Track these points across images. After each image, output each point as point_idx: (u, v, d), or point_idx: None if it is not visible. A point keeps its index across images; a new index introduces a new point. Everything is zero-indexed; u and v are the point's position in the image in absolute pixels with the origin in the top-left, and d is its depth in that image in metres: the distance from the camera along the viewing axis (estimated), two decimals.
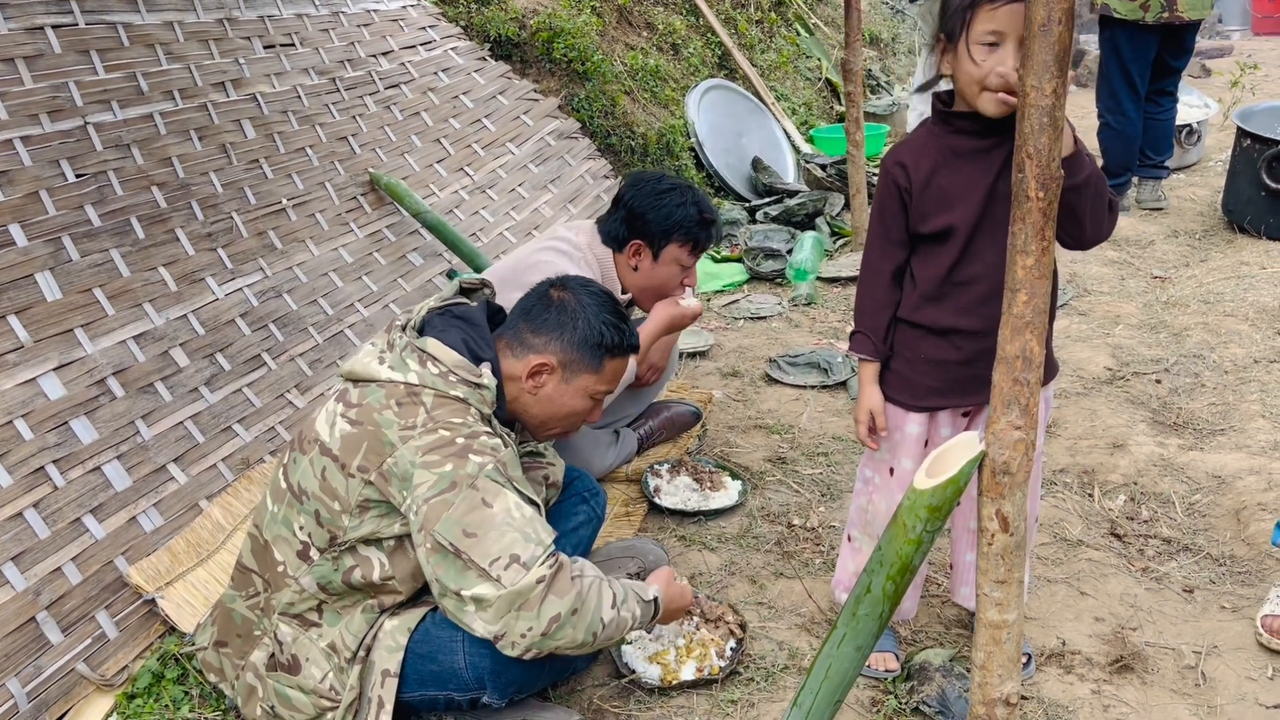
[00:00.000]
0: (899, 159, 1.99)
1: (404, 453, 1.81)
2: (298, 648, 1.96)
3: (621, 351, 2.09)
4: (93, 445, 2.53)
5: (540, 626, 1.79)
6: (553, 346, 2.03)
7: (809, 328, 4.29)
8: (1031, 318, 1.63)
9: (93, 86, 3.10)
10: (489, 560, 1.78)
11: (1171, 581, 2.54)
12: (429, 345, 1.92)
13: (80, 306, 2.71)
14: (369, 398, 1.88)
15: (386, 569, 1.92)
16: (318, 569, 1.91)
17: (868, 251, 2.08)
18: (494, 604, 1.78)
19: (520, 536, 1.80)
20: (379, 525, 1.88)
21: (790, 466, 3.16)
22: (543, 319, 2.05)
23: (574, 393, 2.07)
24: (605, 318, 2.07)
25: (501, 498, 1.82)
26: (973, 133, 1.92)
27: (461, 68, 5.08)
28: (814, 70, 7.71)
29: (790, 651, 2.36)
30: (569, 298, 2.07)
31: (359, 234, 3.86)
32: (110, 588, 2.39)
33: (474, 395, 1.91)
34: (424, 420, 1.84)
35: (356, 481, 1.84)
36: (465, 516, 1.78)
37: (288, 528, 1.93)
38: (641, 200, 2.76)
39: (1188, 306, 4.15)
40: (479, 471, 1.81)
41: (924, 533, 1.71)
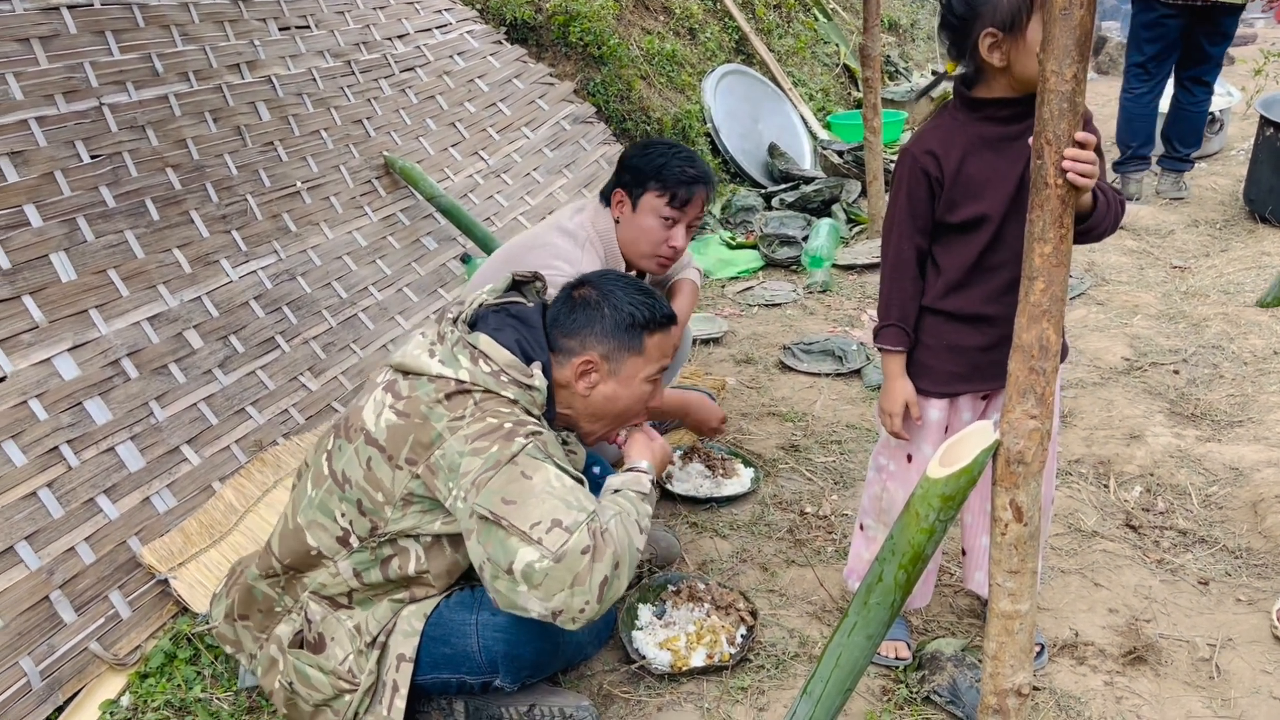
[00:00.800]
0: (927, 147, 1.96)
1: (453, 443, 1.80)
2: (325, 626, 1.96)
3: (658, 325, 2.04)
4: (107, 426, 2.54)
5: (594, 594, 1.78)
6: (590, 342, 2.00)
7: (824, 315, 4.27)
8: (1049, 306, 1.61)
9: (108, 67, 3.11)
10: (529, 524, 1.76)
11: (1187, 573, 2.51)
12: (481, 342, 1.90)
13: (95, 287, 2.72)
14: (418, 391, 1.86)
15: (422, 563, 1.92)
16: (357, 556, 1.91)
17: (896, 242, 2.03)
18: (544, 581, 1.76)
19: (561, 503, 1.79)
20: (420, 520, 1.87)
21: (803, 454, 3.15)
22: (572, 321, 2.02)
23: (626, 381, 2.03)
24: (633, 296, 2.03)
25: (541, 471, 1.81)
26: (1001, 119, 1.90)
27: (477, 51, 5.06)
28: (832, 56, 7.66)
29: (801, 639, 2.35)
30: (590, 292, 2.05)
31: (373, 217, 3.86)
32: (123, 568, 2.40)
33: (524, 396, 1.89)
34: (472, 411, 1.83)
35: (404, 474, 1.84)
36: (505, 487, 1.78)
37: (327, 514, 1.92)
38: (629, 153, 2.73)
39: (1207, 297, 4.11)
40: (519, 450, 1.81)
41: (937, 521, 1.70)
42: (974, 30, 1.82)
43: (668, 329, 2.06)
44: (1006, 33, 1.80)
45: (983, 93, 1.91)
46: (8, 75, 2.79)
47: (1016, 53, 1.81)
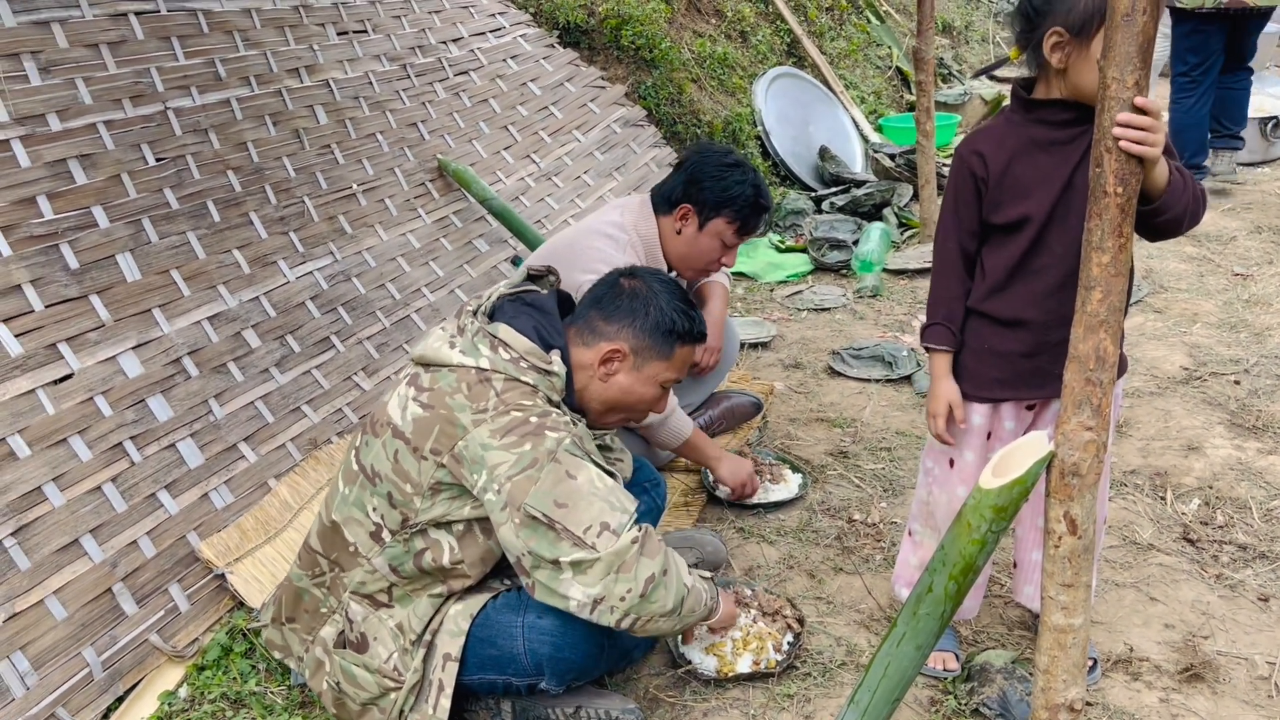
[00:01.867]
0: (976, 148, 1.96)
1: (476, 435, 1.84)
2: (367, 626, 1.99)
3: (692, 339, 2.11)
4: (168, 423, 2.61)
5: (638, 588, 1.83)
6: (625, 334, 2.05)
7: (874, 320, 4.24)
8: (1106, 316, 1.59)
9: (173, 72, 3.18)
10: (583, 528, 1.81)
11: (1246, 589, 2.46)
12: (500, 331, 1.94)
13: (158, 287, 2.78)
14: (440, 382, 1.90)
15: (456, 553, 1.94)
16: (390, 550, 1.95)
17: (942, 240, 2.05)
18: (594, 568, 1.81)
19: (607, 505, 1.84)
20: (450, 508, 1.90)
21: (852, 461, 3.13)
22: (615, 306, 2.07)
23: (645, 380, 2.08)
24: (677, 305, 2.08)
25: (584, 469, 1.86)
26: (1056, 123, 1.88)
27: (530, 55, 5.10)
28: (884, 58, 7.60)
29: (848, 647, 2.34)
30: (640, 286, 2.09)
31: (426, 220, 3.90)
32: (182, 562, 2.46)
33: (544, 381, 1.93)
34: (495, 403, 1.86)
35: (429, 464, 1.87)
36: (554, 489, 1.82)
37: (360, 509, 1.96)
38: (704, 168, 2.76)
39: (1270, 305, 4.02)
40: (557, 446, 1.84)
41: (989, 533, 1.68)
42: (1044, 25, 1.80)
43: (697, 345, 2.14)
44: (1074, 36, 1.78)
45: (1040, 94, 1.90)
46: (77, 80, 2.87)
47: (1077, 58, 1.79)
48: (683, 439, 2.79)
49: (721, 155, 2.77)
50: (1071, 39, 1.78)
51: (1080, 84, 1.80)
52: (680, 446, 2.82)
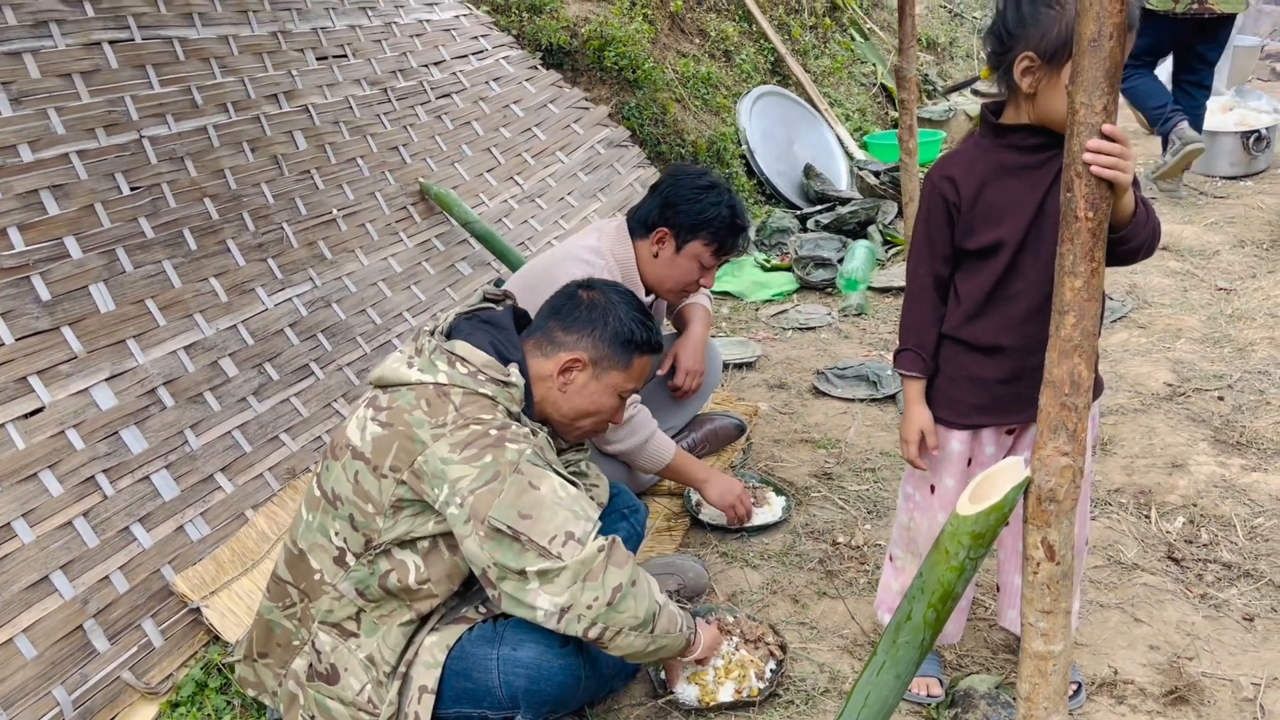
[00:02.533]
0: (947, 173, 1.95)
1: (435, 450, 1.83)
2: (336, 657, 1.97)
3: (649, 349, 2.14)
4: (142, 455, 2.58)
5: (605, 595, 1.83)
6: (584, 343, 2.07)
7: (859, 339, 4.23)
8: (1080, 340, 1.57)
9: (148, 100, 3.16)
10: (548, 538, 1.81)
11: (1231, 609, 2.45)
12: (458, 347, 1.94)
13: (132, 317, 2.76)
14: (399, 400, 1.90)
15: (422, 571, 1.93)
16: (355, 573, 1.93)
17: (914, 266, 2.04)
18: (560, 576, 1.81)
19: (571, 514, 1.84)
20: (413, 525, 1.89)
21: (836, 482, 3.12)
22: (574, 316, 2.09)
23: (603, 390, 2.10)
24: (635, 315, 2.11)
25: (546, 479, 1.86)
26: (1026, 148, 1.87)
27: (513, 77, 5.10)
28: (869, 76, 7.62)
29: (832, 674, 2.32)
30: (599, 297, 2.12)
31: (408, 244, 3.89)
32: (156, 596, 2.43)
33: (502, 394, 1.93)
34: (454, 417, 1.86)
35: (389, 481, 1.86)
36: (518, 500, 1.82)
37: (324, 534, 1.95)
38: (679, 191, 2.75)
39: (1254, 320, 4.02)
40: (519, 457, 1.85)
41: (966, 559, 1.66)
42: (1016, 48, 1.79)
43: (653, 355, 2.17)
44: (1045, 62, 1.76)
45: (1009, 118, 1.89)
46: (49, 110, 2.85)
47: (1047, 84, 1.78)
48: (664, 463, 2.77)
49: (696, 177, 2.77)
50: (1043, 65, 1.77)
51: (1049, 110, 1.79)
52: (664, 470, 2.80)
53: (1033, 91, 1.80)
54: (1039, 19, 1.76)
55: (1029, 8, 1.77)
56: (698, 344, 3.04)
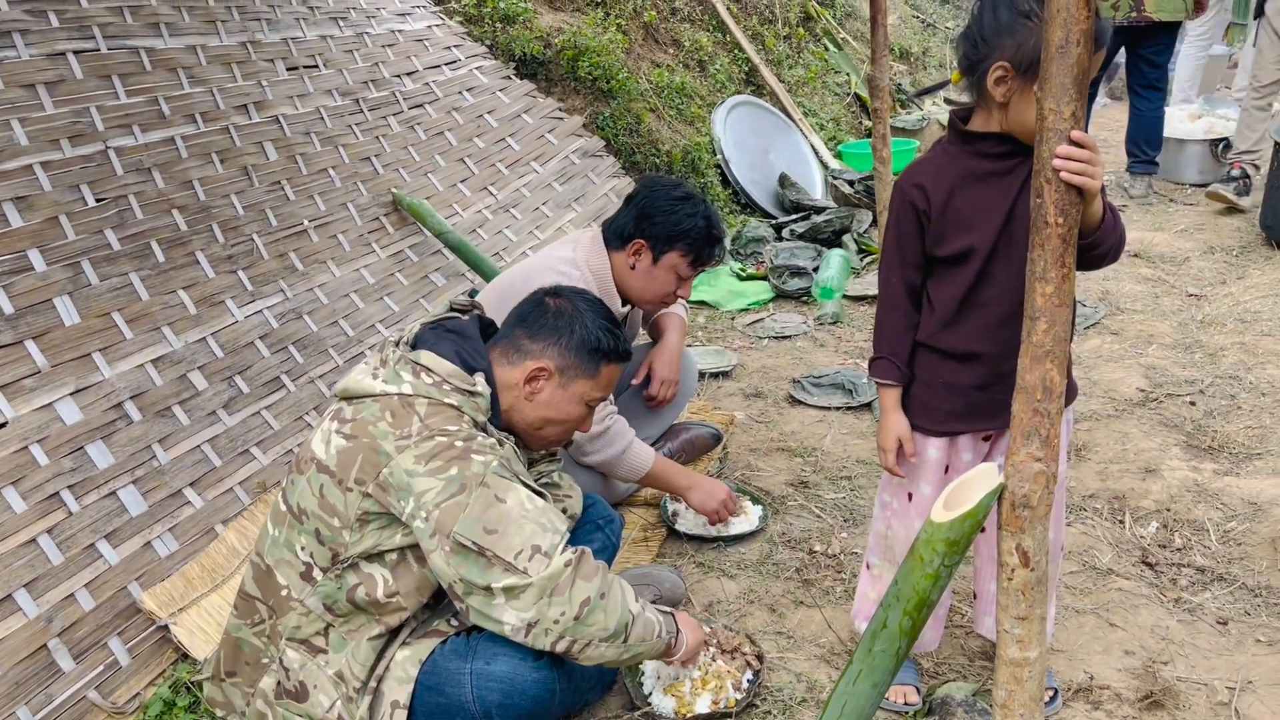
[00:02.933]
0: (916, 180, 1.95)
1: (400, 462, 1.81)
2: (305, 674, 1.94)
3: (617, 358, 2.11)
4: (108, 470, 2.54)
5: (573, 610, 1.81)
6: (550, 351, 2.04)
7: (835, 347, 4.23)
8: (1051, 346, 1.57)
9: (114, 111, 3.13)
10: (513, 554, 1.79)
11: (1205, 613, 2.45)
12: (422, 357, 1.92)
13: (98, 331, 2.72)
14: (363, 412, 1.87)
15: (391, 585, 1.90)
16: (322, 589, 1.90)
17: (886, 274, 2.03)
18: (526, 592, 1.80)
19: (538, 527, 1.82)
20: (380, 538, 1.87)
21: (812, 491, 3.11)
22: (540, 325, 2.07)
23: (570, 399, 2.08)
24: (602, 324, 2.09)
25: (513, 491, 1.84)
26: (994, 155, 1.87)
27: (486, 87, 5.09)
28: (842, 85, 7.66)
29: (809, 683, 2.30)
30: (565, 305, 2.10)
31: (381, 254, 3.86)
32: (123, 614, 2.38)
33: (468, 403, 1.91)
34: (419, 428, 1.83)
35: (355, 495, 1.84)
36: (483, 514, 1.80)
37: (290, 550, 1.92)
38: (655, 202, 2.74)
39: (1224, 325, 4.05)
40: (485, 469, 1.82)
41: (941, 567, 1.65)
42: (991, 57, 1.78)
43: (621, 364, 2.14)
44: (1019, 73, 1.75)
45: (977, 126, 1.88)
46: (13, 121, 2.81)
47: (1020, 95, 1.77)
48: (644, 472, 2.75)
49: (672, 188, 2.76)
50: (1017, 75, 1.76)
51: (1021, 120, 1.78)
52: (645, 479, 2.78)
53: (1005, 101, 1.80)
54: (1015, 30, 1.75)
55: (1007, 17, 1.76)
56: (673, 353, 3.03)
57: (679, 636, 2.07)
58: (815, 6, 8.01)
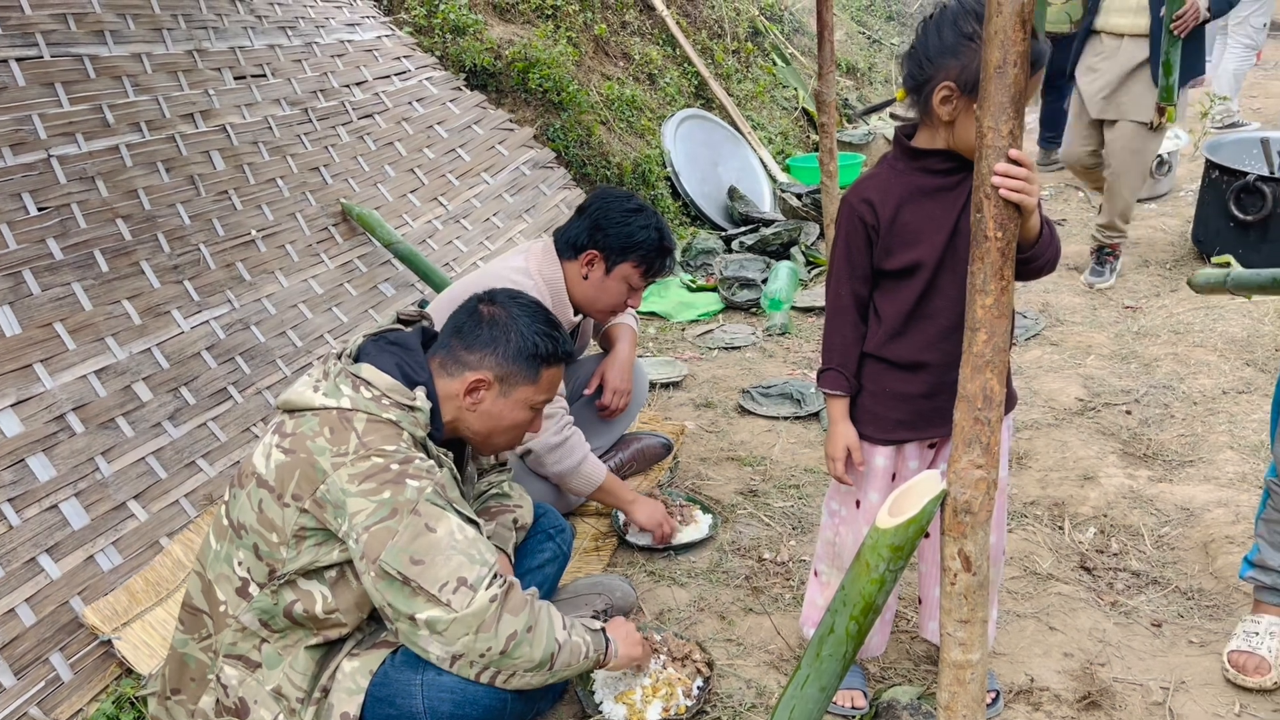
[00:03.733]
0: (864, 195, 1.99)
1: (335, 479, 1.80)
2: (244, 690, 1.92)
3: (557, 360, 2.09)
4: (50, 483, 2.49)
5: (499, 645, 1.83)
6: (488, 362, 2.02)
7: (783, 358, 4.29)
8: (991, 356, 1.62)
9: (57, 119, 3.08)
10: (438, 586, 1.80)
11: (1140, 616, 2.53)
12: (363, 370, 1.91)
13: (40, 341, 2.67)
14: (303, 426, 1.86)
15: (330, 601, 1.90)
16: (258, 604, 1.89)
17: (835, 287, 2.07)
18: (450, 628, 1.80)
19: (465, 559, 1.82)
20: (317, 554, 1.86)
21: (761, 499, 3.15)
22: (475, 335, 2.04)
23: (513, 405, 2.07)
24: (538, 328, 2.07)
25: (444, 521, 1.83)
26: (940, 171, 1.92)
27: (436, 97, 5.08)
28: (790, 100, 7.76)
29: (758, 690, 2.33)
30: (500, 312, 2.07)
31: (330, 265, 3.84)
32: (65, 629, 2.34)
33: (407, 418, 1.90)
34: (356, 446, 1.83)
35: (292, 510, 1.83)
36: (411, 544, 1.79)
37: (228, 564, 1.91)
38: (608, 214, 2.76)
39: (1158, 337, 4.17)
40: (419, 496, 1.82)
41: (887, 572, 1.69)
42: (936, 77, 1.82)
43: (563, 365, 2.12)
44: (964, 93, 1.79)
45: (922, 143, 1.93)
46: None
47: (965, 114, 1.82)
48: (596, 485, 2.77)
49: (624, 200, 2.79)
50: (961, 95, 1.80)
51: (966, 138, 1.82)
52: (595, 493, 2.80)
53: (951, 120, 1.84)
54: (959, 50, 1.79)
55: (951, 38, 1.79)
56: (624, 363, 3.05)
57: (609, 649, 2.09)
58: (763, 22, 8.11)
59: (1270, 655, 2.25)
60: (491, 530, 2.22)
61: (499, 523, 2.25)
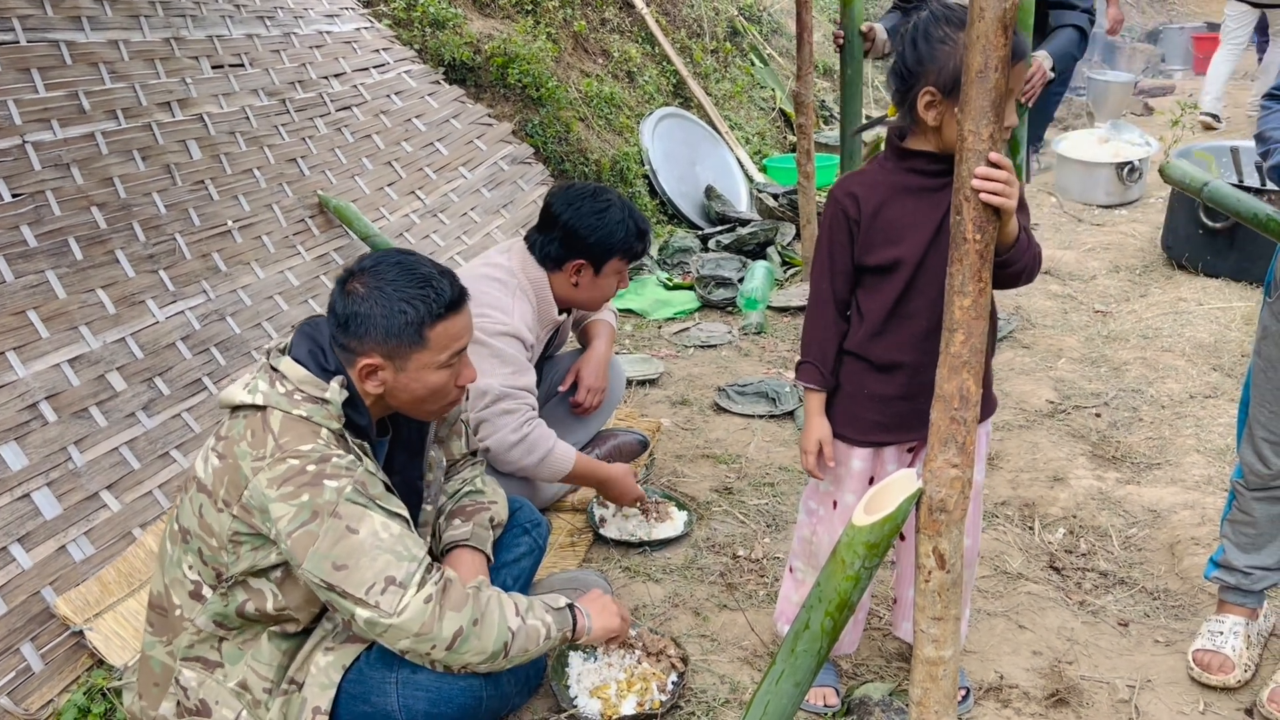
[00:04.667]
0: (849, 189, 2.02)
1: (256, 484, 1.78)
2: (205, 692, 1.92)
3: (436, 316, 1.90)
4: (21, 472, 2.47)
5: (444, 642, 1.83)
6: (369, 344, 1.87)
7: (759, 357, 4.31)
8: (969, 357, 1.65)
9: (32, 105, 3.05)
10: (364, 589, 1.78)
11: (1107, 615, 2.57)
12: (282, 364, 1.87)
13: (12, 329, 2.65)
14: (233, 430, 1.85)
15: (280, 600, 1.89)
16: (211, 606, 1.89)
17: (816, 280, 2.09)
18: (389, 633, 1.80)
19: (392, 557, 1.80)
20: (255, 558, 1.84)
21: (736, 496, 3.17)
22: (349, 317, 1.88)
23: (417, 375, 1.92)
24: (403, 291, 1.87)
25: (366, 520, 1.80)
26: (926, 172, 1.95)
27: (415, 91, 5.07)
28: (768, 100, 7.79)
29: (732, 685, 2.35)
30: (362, 288, 1.88)
31: (306, 257, 3.82)
32: (36, 619, 2.32)
33: (319, 412, 1.83)
34: (273, 449, 1.80)
35: (225, 515, 1.82)
36: (333, 549, 1.77)
37: (179, 568, 1.91)
38: (580, 220, 2.74)
39: (1128, 341, 4.23)
40: (338, 497, 1.78)
41: (862, 569, 1.71)
42: (918, 85, 1.86)
43: (450, 315, 1.92)
44: (945, 96, 1.84)
45: (912, 144, 1.96)
46: None
47: (948, 116, 1.85)
48: (564, 474, 2.78)
49: (590, 200, 2.76)
50: (942, 99, 1.85)
51: (951, 140, 1.85)
52: (568, 478, 2.81)
53: (937, 124, 1.88)
54: (935, 55, 1.84)
55: (925, 46, 1.85)
56: (600, 361, 3.06)
57: (577, 626, 2.07)
58: (742, 22, 8.14)
59: (1234, 654, 2.29)
60: (469, 532, 2.20)
61: (475, 522, 2.23)
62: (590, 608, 2.13)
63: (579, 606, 2.11)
